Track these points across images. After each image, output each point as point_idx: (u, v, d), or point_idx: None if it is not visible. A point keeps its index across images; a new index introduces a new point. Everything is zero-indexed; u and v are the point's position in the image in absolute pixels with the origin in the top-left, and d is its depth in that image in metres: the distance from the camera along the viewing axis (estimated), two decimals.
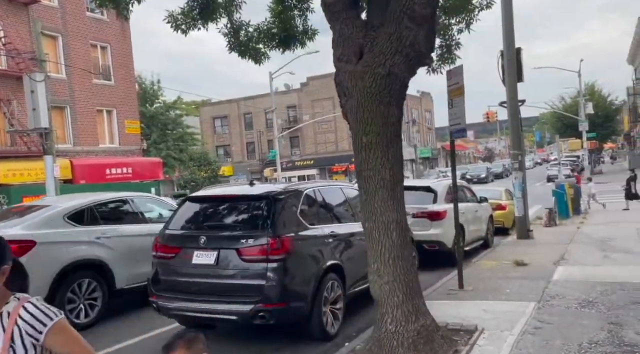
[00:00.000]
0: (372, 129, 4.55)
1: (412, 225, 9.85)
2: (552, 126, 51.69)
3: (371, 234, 4.63)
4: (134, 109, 26.88)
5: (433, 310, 6.14)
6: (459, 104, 7.28)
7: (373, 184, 4.59)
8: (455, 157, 7.85)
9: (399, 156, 4.66)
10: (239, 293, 4.98)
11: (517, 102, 12.89)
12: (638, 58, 47.16)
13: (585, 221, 15.55)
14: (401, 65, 4.46)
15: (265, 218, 5.16)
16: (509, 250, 11.02)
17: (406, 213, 9.70)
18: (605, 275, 7.61)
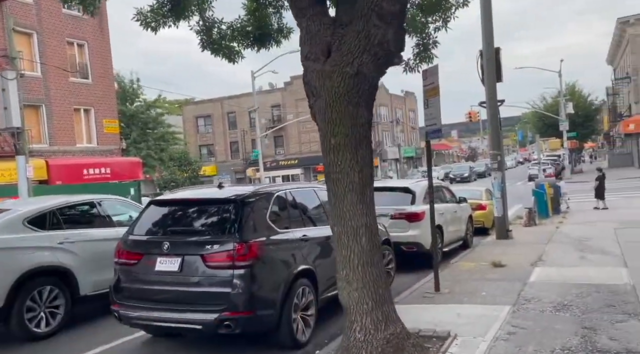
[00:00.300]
0: (341, 130, 4.39)
1: (390, 226, 9.77)
2: (534, 125, 52.24)
3: (340, 239, 4.47)
4: (113, 108, 26.36)
5: (408, 315, 6.03)
6: (435, 104, 7.17)
7: (342, 187, 4.43)
8: (431, 157, 7.73)
9: (368, 158, 4.50)
10: (203, 301, 4.78)
11: (497, 102, 12.87)
12: (617, 58, 47.94)
13: (565, 220, 15.63)
14: (370, 65, 4.31)
15: (232, 223, 4.97)
16: (487, 251, 10.97)
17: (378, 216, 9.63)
18: (581, 277, 7.57)
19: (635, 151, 39.24)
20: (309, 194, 6.45)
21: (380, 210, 10.17)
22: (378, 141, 62.89)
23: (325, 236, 6.01)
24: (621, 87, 44.17)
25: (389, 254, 8.27)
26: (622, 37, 41.48)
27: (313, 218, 6.26)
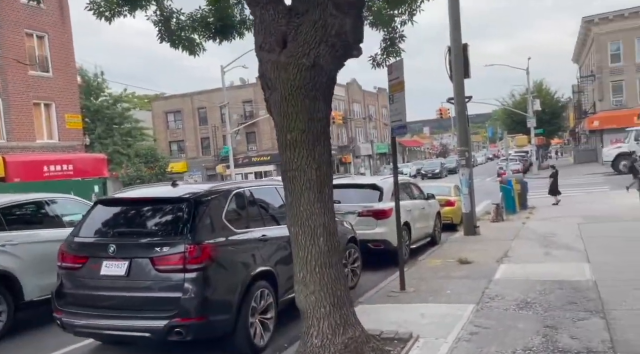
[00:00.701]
0: (297, 126, 4.17)
1: (357, 224, 9.62)
2: (503, 122, 53.21)
3: (297, 239, 4.26)
4: (75, 102, 25.43)
5: (372, 315, 5.88)
6: (400, 99, 7.02)
7: (299, 186, 4.22)
8: (397, 154, 7.59)
9: (327, 155, 4.30)
10: (152, 307, 4.50)
11: (464, 98, 12.88)
12: (582, 57, 49.23)
13: (531, 216, 15.84)
14: (327, 56, 4.10)
15: (185, 223, 4.69)
16: (455, 247, 10.96)
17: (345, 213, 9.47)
18: (545, 273, 7.58)
19: (600, 147, 40.37)
20: (270, 192, 6.22)
21: (348, 207, 10.06)
22: (351, 137, 62.95)
23: (287, 235, 5.78)
24: (586, 85, 45.39)
25: (355, 253, 8.13)
26: (587, 36, 42.57)
27: (274, 217, 6.03)
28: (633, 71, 38.58)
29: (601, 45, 39.28)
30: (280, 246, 5.67)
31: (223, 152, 32.26)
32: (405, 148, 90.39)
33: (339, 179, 11.39)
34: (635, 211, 13.38)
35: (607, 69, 39.25)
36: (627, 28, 38.26)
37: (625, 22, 38.33)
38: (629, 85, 38.88)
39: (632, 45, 38.44)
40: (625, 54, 38.78)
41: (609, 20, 38.77)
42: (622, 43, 38.72)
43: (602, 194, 21.33)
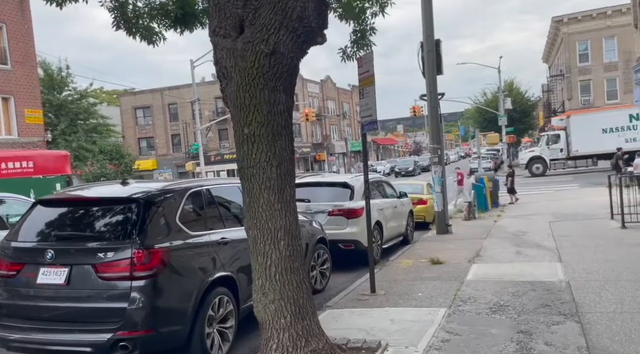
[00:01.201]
0: (255, 118, 3.80)
1: (327, 223, 9.30)
2: (475, 120, 53.89)
3: (255, 244, 3.89)
4: (36, 97, 24.32)
5: (339, 322, 5.56)
6: (370, 93, 6.72)
7: (257, 184, 3.85)
8: (367, 151, 7.28)
9: (289, 151, 3.94)
10: (95, 319, 4.06)
11: (437, 95, 12.70)
12: (552, 57, 50.20)
13: (503, 213, 15.85)
14: (288, 43, 3.74)
15: (133, 226, 4.26)
16: (427, 246, 10.77)
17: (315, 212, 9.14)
18: (517, 273, 7.42)
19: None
20: (232, 191, 5.81)
21: (318, 206, 9.73)
22: (326, 135, 62.67)
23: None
24: (555, 84, 46.29)
25: (324, 254, 7.80)
26: (557, 36, 43.38)
27: (236, 218, 5.64)
28: (601, 71, 39.50)
29: (570, 45, 40.06)
30: (242, 249, 5.27)
31: (193, 149, 31.45)
32: (379, 146, 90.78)
33: (309, 177, 11.06)
34: (603, 210, 13.48)
35: (576, 69, 40.07)
36: (595, 28, 39.13)
37: (593, 22, 39.20)
38: (597, 84, 39.80)
39: (599, 45, 39.33)
40: (593, 54, 39.66)
41: (578, 21, 39.57)
42: (590, 43, 39.58)
43: (572, 192, 21.62)
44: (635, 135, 27.75)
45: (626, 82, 38.97)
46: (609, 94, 39.63)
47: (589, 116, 31.10)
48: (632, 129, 27.87)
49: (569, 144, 29.16)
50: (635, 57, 36.69)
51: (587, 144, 24.64)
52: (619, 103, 38.72)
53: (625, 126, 28.19)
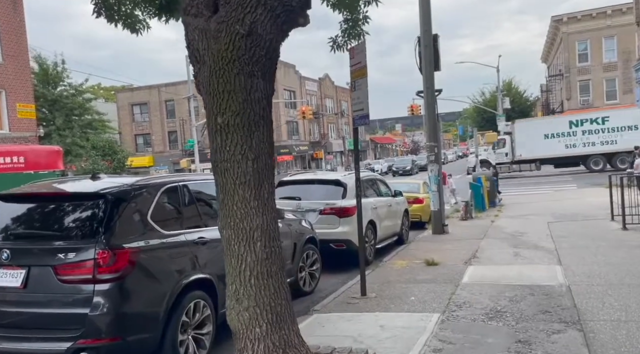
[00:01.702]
0: (230, 107, 3.45)
1: (319, 222, 8.95)
2: (473, 120, 53.55)
3: (229, 245, 3.55)
4: (28, 91, 23.90)
5: (326, 328, 5.22)
6: (362, 86, 6.37)
7: (231, 180, 3.50)
8: (358, 147, 6.93)
9: (267, 144, 3.60)
10: (55, 326, 3.71)
11: (434, 92, 12.36)
12: (551, 57, 49.90)
13: (500, 213, 15.53)
14: (266, 23, 3.39)
15: (99, 224, 3.91)
16: (422, 247, 10.44)
17: (306, 211, 8.80)
18: (515, 276, 7.09)
19: None
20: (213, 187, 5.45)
21: (309, 204, 9.38)
22: (323, 133, 62.29)
23: None
24: (554, 84, 46.00)
25: (314, 254, 7.47)
26: (556, 35, 43.07)
27: (215, 216, 5.28)
28: (600, 71, 39.21)
29: (569, 45, 39.76)
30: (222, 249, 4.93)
31: (188, 145, 31.02)
32: (377, 145, 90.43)
33: (300, 174, 10.71)
34: (603, 210, 13.17)
35: (575, 69, 39.77)
36: (594, 28, 38.83)
37: (593, 22, 38.90)
38: (596, 84, 39.51)
39: (599, 45, 39.04)
40: (592, 54, 39.37)
41: (577, 20, 39.27)
42: (590, 43, 39.28)
43: (570, 192, 21.32)
44: (574, 141, 28.91)
45: (625, 82, 38.72)
46: (608, 94, 39.37)
47: (532, 122, 32.68)
48: (572, 135, 29.00)
49: (514, 148, 30.27)
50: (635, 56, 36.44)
51: (530, 149, 25.57)
52: (618, 103, 38.47)
53: (566, 132, 29.25)
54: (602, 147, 28.58)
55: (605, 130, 28.42)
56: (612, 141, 28.23)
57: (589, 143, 28.52)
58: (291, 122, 53.20)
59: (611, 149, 28.72)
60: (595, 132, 28.57)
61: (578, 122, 29.19)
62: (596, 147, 28.26)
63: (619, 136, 28.05)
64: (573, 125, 29.31)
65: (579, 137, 28.85)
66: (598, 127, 28.61)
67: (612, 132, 28.22)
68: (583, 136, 28.84)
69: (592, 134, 28.64)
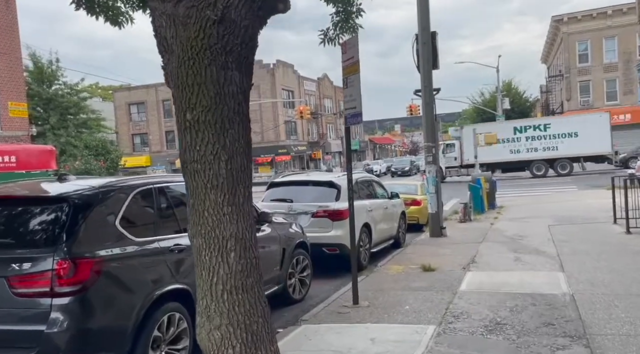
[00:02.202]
0: (200, 101, 3.10)
1: (311, 225, 8.59)
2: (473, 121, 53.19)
3: (200, 255, 3.19)
4: (21, 90, 23.51)
5: (313, 340, 4.87)
6: (355, 83, 6.02)
7: (202, 183, 3.14)
8: (350, 147, 6.58)
9: (243, 143, 3.24)
10: (6, 345, 3.35)
11: (432, 91, 12.01)
12: (551, 57, 49.60)
13: (500, 216, 15.19)
14: (240, 8, 3.03)
15: (59, 231, 3.55)
16: (419, 251, 10.09)
17: (298, 213, 8.45)
18: (516, 284, 6.74)
19: None
20: None
21: (301, 207, 9.03)
22: (322, 133, 61.95)
23: None
24: (554, 85, 45.69)
25: (305, 260, 7.11)
26: (556, 35, 42.76)
27: None
28: (600, 71, 38.90)
29: (569, 45, 39.45)
30: None
31: None
32: (376, 145, 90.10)
33: (292, 175, 10.36)
34: (604, 213, 12.84)
35: (575, 69, 39.46)
36: (595, 28, 38.53)
37: (594, 22, 38.59)
38: (596, 85, 39.20)
39: (599, 45, 38.73)
40: (592, 54, 39.06)
41: (578, 20, 38.96)
42: (590, 43, 38.97)
43: (571, 194, 20.99)
44: (519, 147, 29.90)
45: (626, 83, 38.43)
46: (608, 95, 39.06)
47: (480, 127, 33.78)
48: (516, 141, 29.98)
49: (462, 153, 31.04)
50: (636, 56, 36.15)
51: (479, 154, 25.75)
52: (619, 104, 38.19)
53: (510, 137, 30.12)
54: (544, 153, 29.75)
55: (547, 137, 29.28)
56: (554, 147, 29.11)
57: (532, 149, 29.42)
58: (289, 122, 52.84)
59: (552, 155, 29.42)
60: (537, 139, 29.43)
61: (522, 129, 30.05)
62: (539, 153, 29.14)
63: (559, 143, 28.92)
64: (517, 131, 30.12)
65: (523, 143, 29.74)
66: (540, 134, 29.46)
67: (554, 139, 29.09)
68: (527, 141, 29.72)
69: (535, 140, 29.49)
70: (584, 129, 28.24)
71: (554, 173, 29.73)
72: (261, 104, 47.75)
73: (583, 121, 28.70)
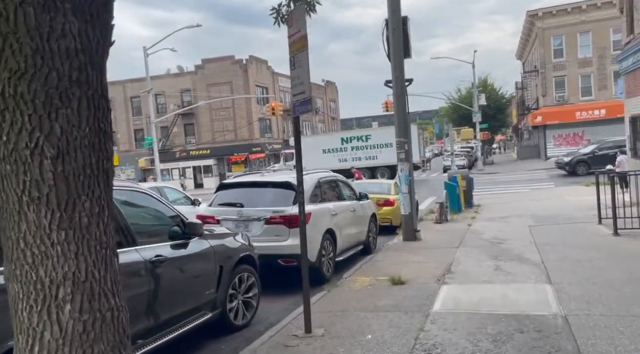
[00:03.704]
0: (9, 63, 1.93)
1: (264, 234, 7.43)
2: (450, 118, 52.76)
3: (17, 310, 2.02)
4: None
5: None
6: (303, 62, 4.89)
7: (14, 195, 1.97)
8: (300, 141, 5.45)
9: (89, 131, 2.07)
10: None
11: (404, 81, 10.98)
12: (526, 53, 49.44)
13: (477, 215, 14.33)
14: None
15: None
16: (390, 258, 9.06)
17: (249, 220, 7.29)
18: (498, 301, 5.73)
19: (542, 142, 40.38)
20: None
21: (252, 212, 7.84)
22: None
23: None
24: (529, 81, 45.47)
25: (250, 277, 5.94)
26: (531, 31, 42.47)
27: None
28: (575, 67, 38.70)
29: (544, 40, 39.14)
30: None
31: (146, 143, 29.06)
32: None
33: (243, 176, 9.19)
34: (587, 211, 12.08)
35: (550, 64, 39.18)
36: (569, 23, 38.28)
37: (568, 17, 38.34)
38: (571, 80, 39.00)
39: (574, 40, 38.51)
40: (567, 49, 38.83)
41: (553, 15, 38.66)
42: (565, 38, 38.72)
43: (548, 191, 20.35)
44: (346, 156, 32.56)
45: (600, 78, 38.32)
46: (583, 90, 38.90)
47: (315, 138, 37.24)
48: (343, 151, 32.79)
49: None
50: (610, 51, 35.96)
51: (313, 162, 27.94)
52: (594, 100, 38.07)
53: (338, 147, 32.95)
54: (366, 162, 32.05)
55: (369, 147, 32.29)
56: (374, 156, 32.02)
57: (356, 158, 32.12)
58: (264, 119, 51.45)
59: (373, 163, 31.95)
60: (361, 149, 32.43)
61: (348, 139, 33.06)
62: (362, 161, 31.77)
63: (378, 152, 31.82)
64: (344, 141, 33.06)
65: (349, 153, 32.59)
66: (363, 144, 32.46)
67: (374, 149, 32.06)
68: (352, 151, 32.61)
69: (359, 150, 32.48)
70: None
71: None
72: (234, 100, 46.27)
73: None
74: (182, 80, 50.79)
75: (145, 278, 4.10)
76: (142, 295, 4.07)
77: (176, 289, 4.50)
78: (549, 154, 38.15)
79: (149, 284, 4.15)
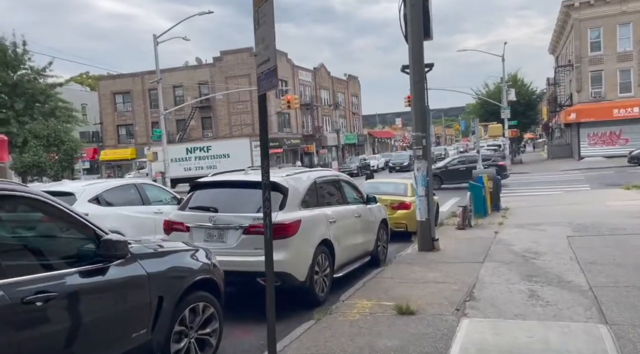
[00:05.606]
0: None
1: (241, 246, 5.94)
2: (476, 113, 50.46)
3: None
4: None
5: None
6: (267, 19, 3.48)
7: None
8: (267, 130, 4.02)
9: None
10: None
11: (423, 66, 9.45)
12: (559, 46, 46.78)
13: (506, 220, 12.68)
14: None
15: None
16: (401, 274, 7.59)
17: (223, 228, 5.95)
18: (536, 350, 4.23)
19: (576, 141, 37.96)
20: None
21: (228, 219, 6.44)
22: (317, 126, 59.17)
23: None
24: (562, 76, 42.95)
25: (208, 308, 4.54)
26: (566, 22, 39.95)
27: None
28: (614, 61, 36.11)
29: (581, 32, 36.65)
30: None
31: (155, 136, 28.06)
32: (375, 139, 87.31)
33: (222, 174, 7.80)
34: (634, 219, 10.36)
35: (586, 58, 36.69)
36: (608, 14, 35.69)
37: (607, 7, 35.75)
38: (609, 75, 36.44)
39: (613, 32, 35.91)
40: (605, 42, 36.26)
41: (590, 5, 36.12)
42: (603, 30, 36.15)
43: (584, 194, 18.45)
44: (190, 165, 34.76)
45: None
46: (621, 86, 36.31)
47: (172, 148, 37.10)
48: (188, 160, 35.02)
49: (151, 169, 33.22)
50: None
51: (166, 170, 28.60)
52: (633, 96, 35.47)
53: (184, 157, 35.01)
54: (208, 171, 33.44)
55: (210, 157, 34.84)
56: (214, 166, 33.40)
57: (199, 167, 34.17)
58: (282, 113, 50.17)
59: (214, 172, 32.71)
60: (203, 159, 34.90)
61: (192, 150, 35.42)
62: (204, 170, 32.82)
63: (217, 162, 33.99)
64: (189, 152, 35.27)
65: (193, 162, 34.90)
66: (205, 154, 35.01)
67: (214, 159, 34.57)
68: (195, 161, 34.92)
69: (201, 159, 34.94)
70: (234, 151, 33.81)
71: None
72: (252, 93, 45.09)
73: (232, 145, 34.87)
74: (200, 73, 49.90)
75: (9, 326, 2.76)
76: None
77: (73, 337, 3.16)
78: (583, 154, 35.81)
79: (18, 334, 2.82)
